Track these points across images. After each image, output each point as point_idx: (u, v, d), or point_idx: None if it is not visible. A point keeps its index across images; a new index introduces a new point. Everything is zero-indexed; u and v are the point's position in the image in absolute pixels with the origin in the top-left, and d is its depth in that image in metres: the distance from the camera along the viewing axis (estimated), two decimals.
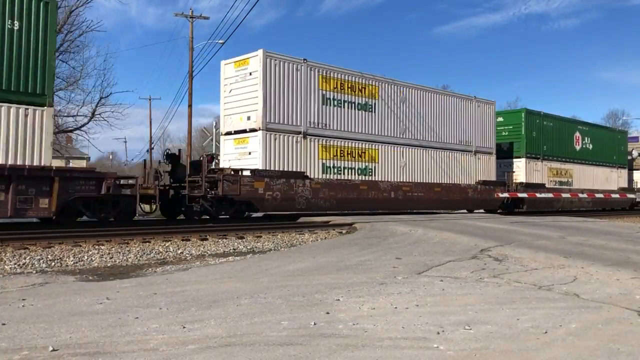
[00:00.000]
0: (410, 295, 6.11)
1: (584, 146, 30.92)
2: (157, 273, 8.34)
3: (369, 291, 6.30)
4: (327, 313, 5.22)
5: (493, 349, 4.16)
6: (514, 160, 27.04)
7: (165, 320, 4.87)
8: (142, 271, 8.63)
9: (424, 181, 22.03)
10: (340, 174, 19.21)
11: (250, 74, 17.60)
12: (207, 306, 5.48)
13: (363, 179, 19.88)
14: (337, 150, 19.22)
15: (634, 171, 36.42)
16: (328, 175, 18.84)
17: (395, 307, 5.49)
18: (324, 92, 18.94)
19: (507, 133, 27.32)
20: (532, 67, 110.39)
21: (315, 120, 18.68)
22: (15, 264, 8.78)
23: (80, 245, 10.55)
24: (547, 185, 27.62)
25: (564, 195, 28.11)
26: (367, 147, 20.16)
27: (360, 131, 20.07)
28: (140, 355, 3.88)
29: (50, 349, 3.98)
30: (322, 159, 18.75)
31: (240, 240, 12.33)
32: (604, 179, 32.43)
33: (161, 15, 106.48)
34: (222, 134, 18.82)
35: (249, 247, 11.63)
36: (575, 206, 29.55)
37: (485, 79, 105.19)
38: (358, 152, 19.84)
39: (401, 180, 21.20)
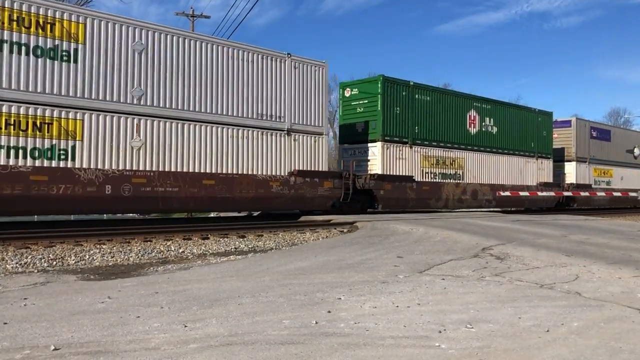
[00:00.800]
0: (411, 294, 6.11)
1: (483, 129, 24.54)
2: (158, 272, 8.34)
3: (371, 290, 6.30)
4: (329, 312, 5.22)
5: (495, 348, 4.16)
6: (369, 145, 20.87)
7: (166, 319, 4.88)
8: (144, 270, 8.64)
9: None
10: None
11: None
12: (208, 305, 5.48)
13: None
14: None
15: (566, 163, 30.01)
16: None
17: (397, 306, 5.49)
18: None
19: (362, 109, 21.33)
20: (534, 65, 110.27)
21: None
22: (17, 263, 8.80)
23: (82, 245, 10.56)
24: (418, 179, 21.62)
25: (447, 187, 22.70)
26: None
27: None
28: (141, 355, 3.88)
29: (52, 348, 3.98)
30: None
31: (241, 239, 12.33)
32: (516, 171, 26.13)
33: (163, 14, 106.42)
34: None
35: (250, 246, 11.63)
36: (467, 205, 23.74)
37: (486, 77, 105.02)
38: None
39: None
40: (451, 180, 22.80)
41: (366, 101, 21.02)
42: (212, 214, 18.32)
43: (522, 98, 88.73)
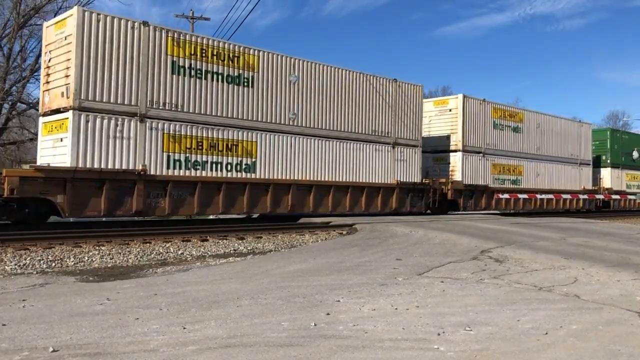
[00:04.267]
0: (410, 296, 6.11)
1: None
2: (157, 274, 8.34)
3: (370, 292, 6.30)
4: (328, 314, 5.22)
5: (493, 350, 4.16)
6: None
7: (165, 321, 4.87)
8: (143, 272, 8.63)
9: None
10: None
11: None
12: (207, 307, 5.48)
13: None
14: None
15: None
16: None
17: (396, 308, 5.49)
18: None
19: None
20: (535, 68, 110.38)
21: None
22: (15, 264, 8.79)
23: (81, 246, 10.55)
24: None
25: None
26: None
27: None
28: (140, 356, 3.88)
29: (51, 349, 3.98)
30: None
31: (240, 241, 12.33)
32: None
33: (164, 15, 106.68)
34: None
35: (249, 248, 11.63)
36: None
37: (487, 79, 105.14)
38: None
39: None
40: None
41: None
42: (212, 216, 18.29)
43: (522, 100, 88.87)
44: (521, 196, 25.43)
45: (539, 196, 26.36)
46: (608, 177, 32.07)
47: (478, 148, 23.64)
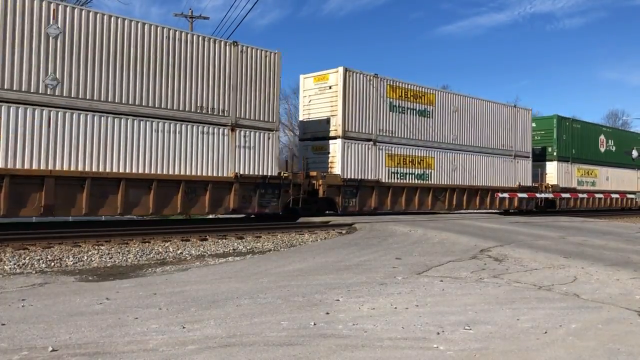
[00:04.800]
0: (410, 295, 6.11)
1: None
2: (156, 273, 8.33)
3: (369, 291, 6.30)
4: (327, 313, 5.22)
5: (493, 349, 4.16)
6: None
7: (164, 321, 4.87)
8: (142, 271, 8.63)
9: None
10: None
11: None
12: (206, 306, 5.47)
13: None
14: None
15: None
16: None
17: (395, 308, 5.49)
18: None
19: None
20: (535, 67, 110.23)
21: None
22: (15, 264, 8.78)
23: (80, 246, 10.55)
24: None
25: None
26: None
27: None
28: (139, 356, 3.87)
29: (50, 349, 3.98)
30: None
31: (239, 241, 12.32)
32: None
33: (164, 14, 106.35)
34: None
35: (248, 248, 11.63)
36: None
37: (487, 78, 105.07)
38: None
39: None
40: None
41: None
42: (211, 215, 18.30)
43: (521, 99, 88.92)
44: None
45: (456, 194, 22.43)
46: (554, 172, 27.62)
47: (367, 135, 19.31)
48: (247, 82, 16.08)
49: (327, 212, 18.84)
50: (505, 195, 24.27)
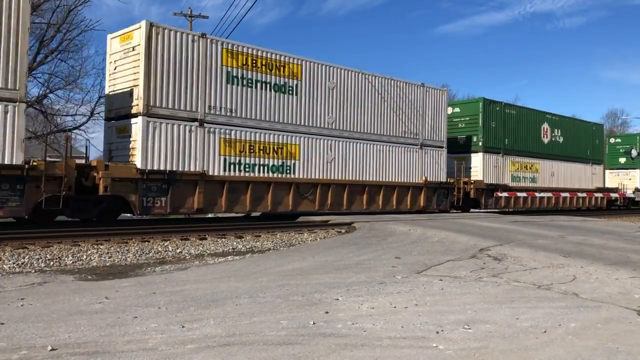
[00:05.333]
0: (409, 294, 6.11)
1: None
2: (156, 272, 8.33)
3: (368, 290, 6.30)
4: (326, 312, 5.22)
5: (492, 349, 4.16)
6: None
7: (164, 320, 4.87)
8: (141, 271, 8.62)
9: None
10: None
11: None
12: (206, 306, 5.47)
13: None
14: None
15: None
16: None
17: (395, 307, 5.49)
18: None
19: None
20: (534, 66, 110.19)
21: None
22: (14, 263, 8.77)
23: (79, 245, 10.54)
24: None
25: None
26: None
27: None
28: (139, 355, 3.87)
29: (49, 348, 3.98)
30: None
31: (239, 240, 12.32)
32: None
33: (164, 13, 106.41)
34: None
35: (247, 247, 11.63)
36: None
37: (487, 77, 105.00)
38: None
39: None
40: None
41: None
42: (210, 214, 18.28)
43: (521, 99, 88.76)
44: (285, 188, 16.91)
45: (332, 192, 18.06)
46: (479, 165, 23.67)
47: (189, 112, 14.68)
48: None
49: (123, 214, 15.14)
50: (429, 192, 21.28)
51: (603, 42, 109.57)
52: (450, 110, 24.72)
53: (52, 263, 9.06)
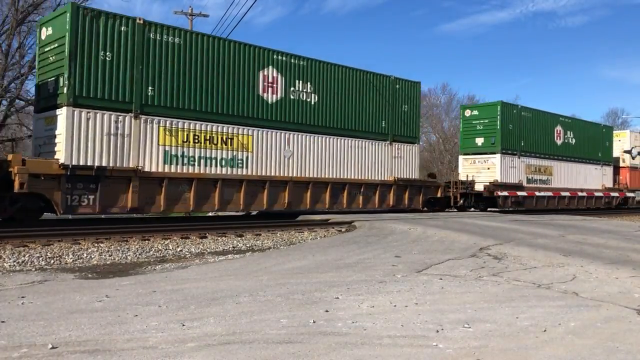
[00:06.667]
0: (409, 293, 6.11)
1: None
2: (156, 271, 8.34)
3: (368, 289, 6.31)
4: (327, 311, 5.22)
5: (492, 347, 4.17)
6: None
7: (164, 318, 4.88)
8: (142, 269, 8.63)
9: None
10: None
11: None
12: (206, 304, 5.48)
13: None
14: None
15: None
16: None
17: (395, 306, 5.50)
18: None
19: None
20: (536, 65, 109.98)
21: None
22: (14, 261, 8.78)
23: (80, 243, 10.55)
24: None
25: None
26: None
27: None
28: (139, 353, 3.88)
29: (50, 346, 3.98)
30: None
31: (239, 238, 12.33)
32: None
33: (165, 12, 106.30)
34: None
35: (248, 245, 11.63)
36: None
37: (488, 76, 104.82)
38: None
39: None
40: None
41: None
42: (211, 213, 18.27)
43: (521, 98, 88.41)
44: None
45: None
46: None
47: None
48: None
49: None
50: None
51: (604, 41, 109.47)
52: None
53: (52, 261, 9.06)
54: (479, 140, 25.10)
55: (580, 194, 28.38)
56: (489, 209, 24.00)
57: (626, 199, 32.50)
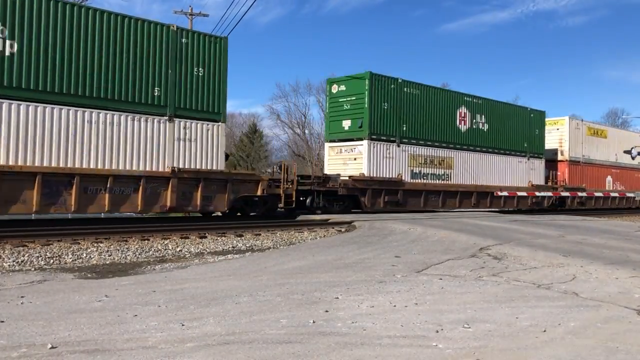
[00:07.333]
0: (409, 293, 6.11)
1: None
2: (155, 271, 8.33)
3: (368, 289, 6.30)
4: (326, 311, 5.22)
5: (492, 348, 4.16)
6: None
7: (164, 318, 4.87)
8: (141, 269, 8.62)
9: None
10: None
11: None
12: (206, 304, 5.47)
13: None
14: None
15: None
16: None
17: (394, 306, 5.49)
18: None
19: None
20: (536, 65, 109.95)
21: None
22: (14, 261, 8.78)
23: (79, 243, 10.54)
24: None
25: None
26: None
27: None
28: (139, 353, 3.87)
29: (49, 346, 3.98)
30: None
31: (239, 238, 12.32)
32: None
33: (165, 12, 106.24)
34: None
35: (248, 245, 11.63)
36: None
37: (489, 76, 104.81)
38: None
39: None
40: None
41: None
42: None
43: (521, 98, 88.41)
44: None
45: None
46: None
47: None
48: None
49: None
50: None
51: (605, 41, 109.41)
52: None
53: (52, 261, 9.06)
54: (346, 124, 20.17)
55: (501, 192, 23.61)
56: (353, 211, 19.24)
57: (563, 199, 27.20)
